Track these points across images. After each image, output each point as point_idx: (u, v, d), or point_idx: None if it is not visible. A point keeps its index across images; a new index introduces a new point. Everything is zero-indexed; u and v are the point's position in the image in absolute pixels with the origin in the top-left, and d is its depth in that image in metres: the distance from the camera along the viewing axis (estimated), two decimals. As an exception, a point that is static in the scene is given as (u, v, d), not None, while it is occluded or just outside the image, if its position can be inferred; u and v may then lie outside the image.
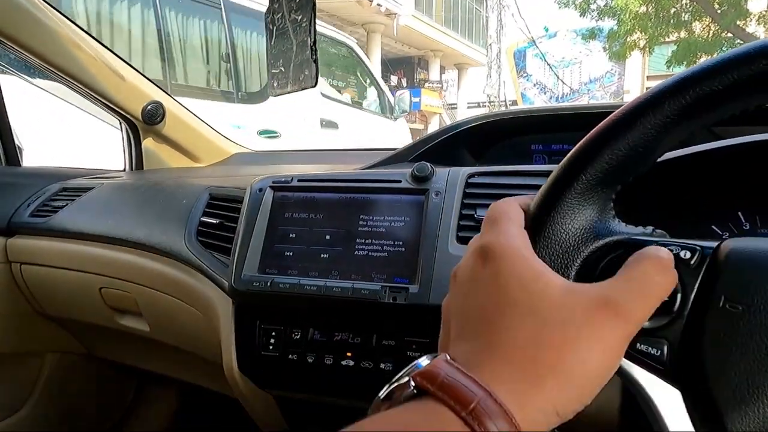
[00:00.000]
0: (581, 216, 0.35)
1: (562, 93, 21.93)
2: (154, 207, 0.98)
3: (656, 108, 0.33)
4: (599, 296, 0.29)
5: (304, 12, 0.58)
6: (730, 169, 0.67)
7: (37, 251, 1.09)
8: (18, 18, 1.01)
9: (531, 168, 0.74)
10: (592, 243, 0.35)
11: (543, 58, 20.59)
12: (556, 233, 0.35)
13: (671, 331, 0.32)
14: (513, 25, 22.48)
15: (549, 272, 0.31)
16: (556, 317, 0.28)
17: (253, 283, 0.71)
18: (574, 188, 0.35)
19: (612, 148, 0.34)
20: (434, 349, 0.65)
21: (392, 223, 0.70)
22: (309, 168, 1.15)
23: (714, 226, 0.69)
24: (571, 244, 0.35)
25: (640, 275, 0.30)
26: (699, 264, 0.33)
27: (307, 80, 0.63)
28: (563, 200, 0.35)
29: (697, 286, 0.32)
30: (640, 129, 0.34)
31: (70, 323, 1.21)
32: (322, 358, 0.70)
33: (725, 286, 0.32)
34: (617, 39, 12.59)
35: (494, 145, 1.02)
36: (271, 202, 0.76)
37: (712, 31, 11.85)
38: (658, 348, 0.32)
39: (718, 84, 0.32)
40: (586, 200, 0.35)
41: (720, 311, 0.31)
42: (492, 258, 0.31)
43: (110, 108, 1.22)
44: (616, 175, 0.35)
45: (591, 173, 0.35)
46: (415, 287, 0.65)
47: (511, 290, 0.30)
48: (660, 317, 0.32)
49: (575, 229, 0.35)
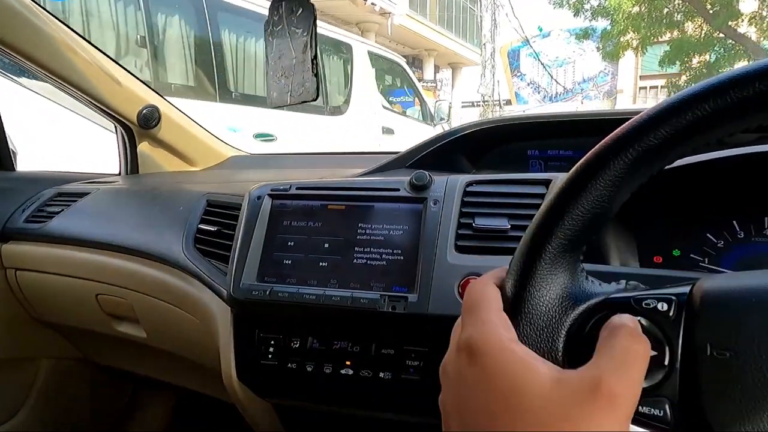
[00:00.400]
0: (555, 284, 0.35)
1: (555, 92, 22.01)
2: (151, 213, 0.98)
3: (602, 168, 0.33)
4: (589, 382, 0.29)
5: (304, 26, 0.58)
6: (725, 179, 0.68)
7: (32, 257, 1.08)
8: (14, 23, 1.01)
9: (528, 176, 0.75)
10: (573, 310, 0.35)
11: (537, 57, 20.64)
12: (536, 306, 0.35)
13: (669, 387, 0.32)
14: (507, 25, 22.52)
15: (535, 361, 0.31)
16: (551, 414, 0.28)
17: (252, 292, 0.71)
18: (543, 259, 0.35)
19: (570, 215, 0.34)
20: (432, 359, 0.65)
21: (391, 232, 0.70)
22: (306, 173, 1.15)
23: (709, 234, 0.70)
24: (553, 315, 0.35)
25: (620, 350, 0.30)
26: (677, 314, 0.33)
27: (306, 94, 0.63)
28: (535, 272, 0.35)
29: (681, 337, 0.32)
30: (593, 192, 0.34)
31: (66, 329, 1.20)
32: (321, 367, 0.70)
33: (708, 333, 0.31)
34: (611, 39, 12.64)
35: (491, 150, 1.02)
36: (269, 210, 0.76)
37: (705, 31, 11.93)
38: (659, 408, 0.32)
39: (654, 139, 0.32)
40: (557, 267, 0.35)
41: (710, 359, 0.31)
42: (477, 355, 0.31)
43: (106, 112, 1.21)
44: (580, 238, 0.35)
45: (556, 242, 0.35)
46: (414, 296, 0.65)
47: (500, 390, 0.30)
48: (654, 374, 0.32)
49: (552, 298, 0.35)
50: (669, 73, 14.37)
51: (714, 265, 0.69)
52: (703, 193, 0.70)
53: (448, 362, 0.34)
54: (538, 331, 0.35)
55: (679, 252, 0.70)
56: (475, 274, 0.64)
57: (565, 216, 0.34)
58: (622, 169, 0.33)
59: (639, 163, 0.33)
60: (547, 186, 0.71)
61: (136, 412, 1.43)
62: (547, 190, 0.70)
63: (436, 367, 0.68)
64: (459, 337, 0.34)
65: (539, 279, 0.35)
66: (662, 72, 14.74)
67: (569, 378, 0.29)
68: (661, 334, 0.32)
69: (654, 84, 20.96)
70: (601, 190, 0.33)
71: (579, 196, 0.34)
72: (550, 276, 0.35)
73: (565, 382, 0.29)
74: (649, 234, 0.72)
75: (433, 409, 0.67)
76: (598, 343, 0.31)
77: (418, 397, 0.67)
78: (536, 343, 0.34)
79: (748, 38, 11.46)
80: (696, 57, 12.27)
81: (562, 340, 0.34)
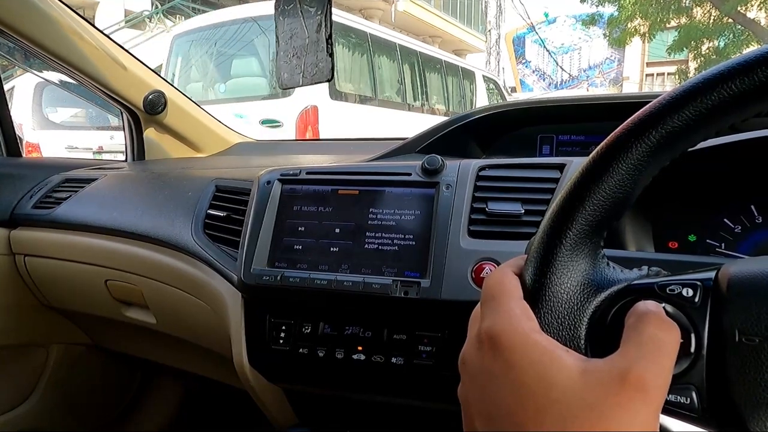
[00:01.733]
0: (576, 271, 0.34)
1: (561, 79, 21.82)
2: (159, 199, 0.98)
3: (625, 151, 0.32)
4: (618, 371, 0.28)
5: (318, 4, 0.56)
6: (742, 163, 0.67)
7: (40, 243, 1.08)
8: (19, 7, 1.00)
9: (542, 161, 0.74)
10: (595, 297, 0.34)
11: (542, 44, 20.44)
12: (557, 294, 0.34)
13: (695, 374, 0.31)
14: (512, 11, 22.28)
15: (561, 351, 0.30)
16: (580, 405, 0.28)
17: (263, 277, 0.70)
18: (564, 244, 0.34)
19: (592, 199, 0.34)
20: (445, 344, 0.65)
21: (402, 217, 0.70)
22: (314, 159, 1.14)
23: (726, 219, 0.69)
24: (575, 303, 0.34)
25: (648, 338, 0.29)
26: (703, 300, 0.32)
27: (320, 74, 0.62)
28: (556, 259, 0.34)
29: (708, 323, 0.32)
30: (615, 175, 0.33)
31: (75, 315, 1.21)
32: (333, 352, 0.70)
33: (736, 319, 0.31)
34: (618, 25, 12.48)
35: (501, 136, 1.01)
36: (279, 195, 0.75)
37: (713, 16, 11.76)
38: (686, 396, 0.31)
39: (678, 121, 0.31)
40: (578, 254, 0.34)
41: (738, 346, 0.30)
42: (500, 347, 0.31)
43: (112, 98, 1.21)
44: (602, 223, 0.34)
45: (577, 227, 0.34)
46: (426, 281, 0.65)
47: (526, 383, 0.29)
48: (681, 362, 0.31)
49: (574, 286, 0.34)
50: (676, 60, 14.23)
51: (730, 250, 0.68)
52: (719, 178, 0.68)
53: (468, 354, 0.34)
54: (559, 319, 0.34)
55: (695, 237, 0.70)
56: (489, 259, 0.64)
57: (586, 200, 0.34)
58: (645, 152, 0.32)
59: (663, 145, 0.32)
60: (561, 170, 0.70)
61: (146, 398, 1.44)
62: (561, 175, 0.69)
63: (449, 353, 0.67)
64: (479, 327, 0.33)
65: (560, 265, 0.34)
66: (669, 59, 14.57)
67: (597, 368, 0.29)
68: (687, 321, 0.32)
69: (661, 71, 20.75)
70: (624, 173, 0.33)
71: (601, 179, 0.33)
72: (571, 262, 0.34)
73: (593, 373, 0.28)
74: (665, 219, 0.71)
75: (445, 395, 0.66)
76: (624, 332, 0.30)
77: (431, 383, 0.67)
78: (558, 331, 0.34)
79: (758, 23, 11.30)
80: (705, 43, 12.12)
81: (585, 327, 0.34)
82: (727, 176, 0.68)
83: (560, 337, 0.34)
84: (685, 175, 0.67)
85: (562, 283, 0.34)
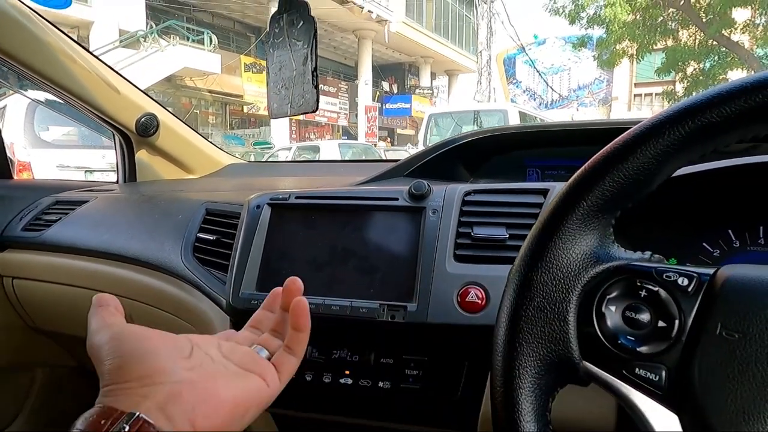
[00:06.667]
0: (582, 242, 0.36)
1: (551, 99, 22.11)
2: (150, 222, 0.98)
3: (658, 136, 0.34)
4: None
5: (305, 38, 0.58)
6: (719, 189, 0.69)
7: (29, 266, 1.08)
8: (11, 30, 1.01)
9: (526, 185, 0.75)
10: (593, 268, 0.36)
11: (532, 64, 20.76)
12: (557, 257, 0.36)
13: (669, 356, 0.33)
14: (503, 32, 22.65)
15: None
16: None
17: (251, 301, 0.71)
18: (576, 214, 0.36)
19: (613, 176, 0.35)
20: (431, 368, 0.65)
21: (390, 241, 0.71)
22: (304, 181, 1.15)
23: (705, 243, 0.70)
24: (572, 269, 0.36)
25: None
26: (696, 291, 0.34)
27: (306, 105, 0.64)
28: (565, 226, 0.36)
29: (694, 312, 0.33)
30: (642, 157, 0.34)
31: (62, 337, 1.20)
32: (321, 377, 0.70)
33: (722, 313, 0.32)
34: (607, 47, 12.72)
35: (489, 160, 1.03)
36: (268, 219, 0.76)
37: (698, 39, 12.02)
38: (656, 373, 0.33)
39: (717, 115, 0.32)
40: (587, 226, 0.36)
41: (717, 338, 0.32)
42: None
43: (104, 120, 1.21)
44: (617, 202, 0.36)
45: (592, 200, 0.35)
46: (413, 305, 0.65)
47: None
48: (659, 343, 0.33)
49: (576, 254, 0.36)
50: (663, 81, 14.47)
51: None
52: (698, 203, 0.70)
53: None
54: (554, 281, 0.35)
55: (675, 261, 0.71)
56: (474, 283, 0.65)
57: (606, 175, 0.35)
58: (675, 141, 0.33)
59: (692, 138, 0.33)
60: (545, 195, 0.71)
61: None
62: (545, 199, 0.71)
63: (435, 377, 0.68)
64: None
65: (568, 233, 0.36)
66: (657, 80, 14.83)
67: None
68: (675, 308, 0.33)
69: (648, 91, 21.08)
70: (651, 157, 0.34)
71: (626, 159, 0.34)
72: (579, 232, 0.36)
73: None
74: (644, 242, 0.72)
75: (432, 419, 0.67)
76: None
77: (418, 406, 0.67)
78: (550, 292, 0.35)
79: (741, 46, 11.56)
80: (692, 65, 12.36)
81: (577, 294, 0.35)
82: (705, 202, 0.70)
83: (551, 298, 0.35)
84: (666, 200, 0.69)
85: (566, 248, 0.36)
